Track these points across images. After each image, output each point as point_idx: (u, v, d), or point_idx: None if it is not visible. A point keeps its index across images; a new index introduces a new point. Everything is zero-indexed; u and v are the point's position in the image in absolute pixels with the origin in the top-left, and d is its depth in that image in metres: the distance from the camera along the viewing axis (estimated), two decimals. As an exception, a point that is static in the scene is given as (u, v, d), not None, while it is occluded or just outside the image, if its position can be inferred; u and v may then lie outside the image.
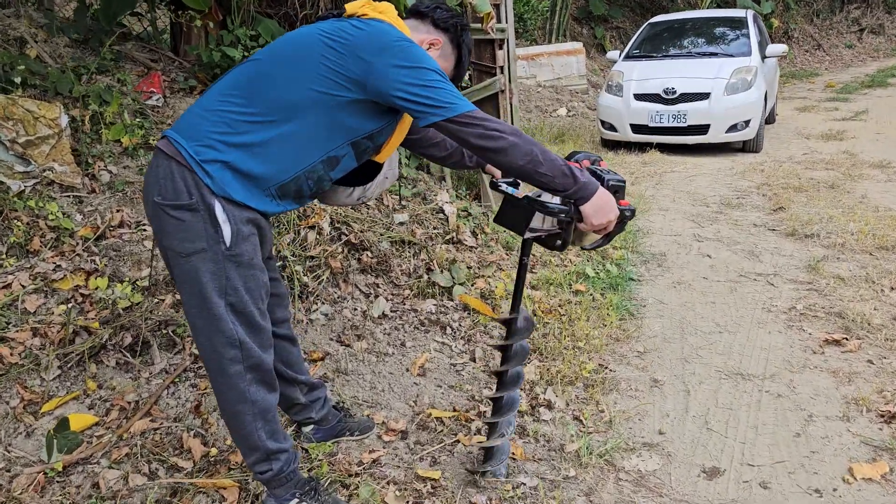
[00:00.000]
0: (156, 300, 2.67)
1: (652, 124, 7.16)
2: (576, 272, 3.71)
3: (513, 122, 4.61)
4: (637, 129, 7.29)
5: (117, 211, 2.95)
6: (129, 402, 2.32)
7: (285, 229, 3.18)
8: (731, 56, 7.60)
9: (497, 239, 4.05)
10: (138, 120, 3.37)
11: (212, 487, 2.01)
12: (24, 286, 2.52)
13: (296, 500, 1.86)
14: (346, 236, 3.37)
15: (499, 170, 2.03)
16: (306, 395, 2.14)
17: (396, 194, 3.91)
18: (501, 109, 4.50)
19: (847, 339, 2.97)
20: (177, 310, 2.66)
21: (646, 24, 9.03)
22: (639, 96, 7.28)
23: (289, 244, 3.11)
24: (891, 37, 18.91)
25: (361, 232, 3.42)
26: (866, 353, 2.88)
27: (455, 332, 3.08)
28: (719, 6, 13.92)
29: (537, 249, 1.93)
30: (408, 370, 2.75)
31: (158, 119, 3.49)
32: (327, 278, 3.13)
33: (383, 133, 1.70)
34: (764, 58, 7.79)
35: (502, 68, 4.45)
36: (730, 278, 3.77)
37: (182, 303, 1.68)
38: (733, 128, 6.95)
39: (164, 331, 2.60)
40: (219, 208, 1.54)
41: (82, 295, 2.61)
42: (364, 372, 2.71)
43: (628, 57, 8.28)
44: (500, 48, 4.39)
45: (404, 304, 3.21)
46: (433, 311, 3.18)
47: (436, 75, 1.53)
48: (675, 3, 15.13)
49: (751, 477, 2.15)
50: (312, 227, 3.26)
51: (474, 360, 2.88)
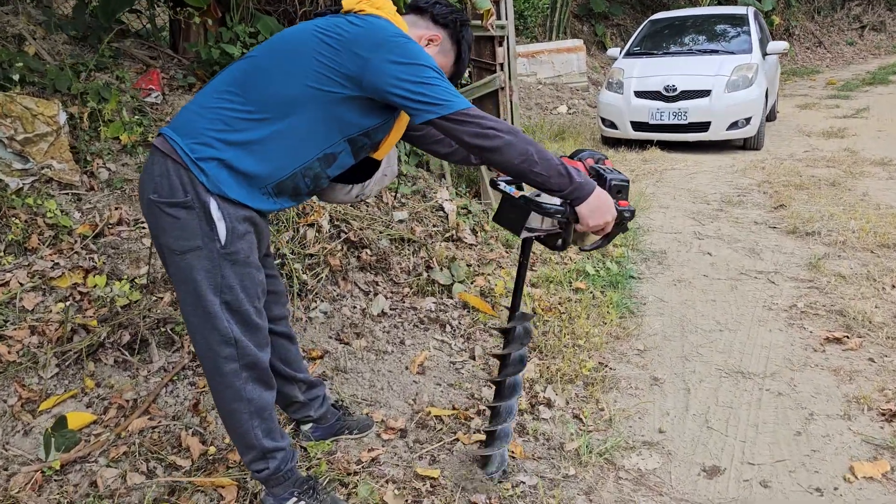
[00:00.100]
0: (154, 298, 2.66)
1: (652, 121, 7.15)
2: (576, 270, 3.71)
3: (513, 119, 4.60)
4: (637, 126, 7.28)
5: (116, 208, 2.95)
6: (127, 401, 2.32)
7: (284, 227, 3.18)
8: (732, 53, 7.59)
9: (497, 237, 4.04)
10: (137, 117, 3.35)
11: (210, 486, 2.00)
12: (21, 284, 2.51)
13: (294, 499, 1.85)
14: (346, 234, 3.36)
15: (495, 168, 2.01)
16: (305, 394, 2.13)
17: (395, 191, 3.90)
18: (501, 107, 4.49)
19: (848, 338, 2.96)
20: (175, 308, 2.65)
21: (646, 22, 9.02)
22: (639, 93, 7.27)
23: (288, 242, 3.10)
24: (892, 34, 18.90)
25: (361, 230, 3.41)
26: (867, 351, 2.87)
27: (455, 331, 3.07)
28: (720, 3, 13.89)
29: (538, 247, 1.92)
30: (407, 368, 2.75)
31: (157, 116, 3.48)
32: (326, 276, 3.13)
33: (380, 130, 1.69)
34: (765, 55, 7.78)
35: (502, 65, 4.43)
36: (730, 276, 3.76)
37: (178, 301, 1.67)
38: (734, 125, 6.94)
39: (163, 329, 2.59)
40: (214, 206, 1.53)
41: (80, 293, 2.60)
42: (363, 370, 2.70)
43: (629, 54, 8.26)
44: (500, 45, 4.38)
45: (404, 302, 3.21)
46: (433, 309, 3.17)
47: (432, 72, 1.52)
48: (675, 1, 15.11)
49: (751, 476, 2.14)
50: (311, 225, 3.25)
51: (474, 359, 2.88)
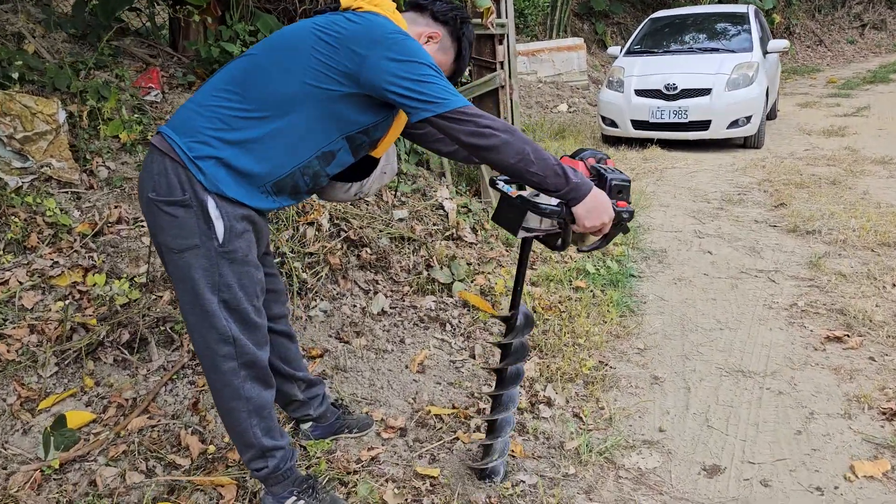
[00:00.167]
0: (153, 297, 2.66)
1: (653, 120, 7.14)
2: (576, 268, 3.70)
3: (513, 118, 4.59)
4: (638, 124, 7.27)
5: (115, 207, 2.94)
6: (126, 400, 2.31)
7: (284, 225, 3.17)
8: (733, 52, 7.58)
9: (497, 235, 4.04)
10: (136, 116, 3.35)
11: (209, 485, 2.00)
12: (21, 282, 2.51)
13: (293, 498, 1.85)
14: (346, 232, 3.36)
15: (491, 167, 2.00)
16: (304, 392, 2.13)
17: (395, 189, 3.90)
18: (501, 105, 4.48)
19: (848, 336, 2.96)
20: (175, 307, 2.64)
21: (647, 20, 9.01)
22: (640, 92, 7.26)
23: (287, 240, 3.10)
24: (893, 32, 18.88)
25: (361, 228, 3.41)
26: (868, 349, 2.87)
27: (454, 329, 3.07)
28: (721, 1, 13.86)
29: (538, 245, 1.92)
30: (407, 367, 2.74)
31: (157, 115, 3.47)
32: (326, 275, 3.12)
33: (379, 128, 1.68)
34: (765, 53, 7.77)
35: (502, 64, 4.43)
36: (731, 275, 3.76)
37: (177, 299, 1.67)
38: (734, 124, 6.93)
39: (162, 327, 2.59)
40: (212, 204, 1.53)
41: (80, 291, 2.60)
42: (363, 369, 2.70)
43: (629, 53, 8.25)
44: (501, 43, 4.37)
45: (403, 301, 3.20)
46: (432, 308, 3.17)
47: (429, 70, 1.51)
48: (676, -1, 15.09)
49: (751, 475, 2.14)
50: (311, 224, 3.25)
51: (474, 357, 2.87)
